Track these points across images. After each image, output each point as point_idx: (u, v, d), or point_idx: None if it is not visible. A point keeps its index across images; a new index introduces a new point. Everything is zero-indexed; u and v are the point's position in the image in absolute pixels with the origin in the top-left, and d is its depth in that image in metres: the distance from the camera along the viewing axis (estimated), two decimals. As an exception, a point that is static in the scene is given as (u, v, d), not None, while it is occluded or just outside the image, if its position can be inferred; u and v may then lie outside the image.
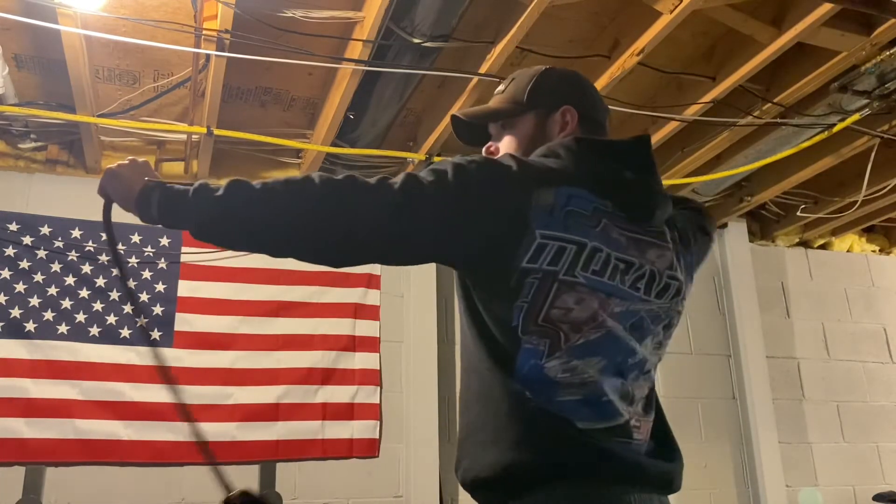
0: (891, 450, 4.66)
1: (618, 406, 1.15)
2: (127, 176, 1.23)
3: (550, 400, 1.11)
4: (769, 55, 2.90)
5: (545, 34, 2.96)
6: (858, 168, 3.88)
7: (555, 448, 1.10)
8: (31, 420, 3.21)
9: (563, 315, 1.13)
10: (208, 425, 3.43)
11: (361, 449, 3.65)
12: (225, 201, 1.14)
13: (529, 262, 1.12)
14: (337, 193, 1.13)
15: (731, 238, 4.68)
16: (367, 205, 1.12)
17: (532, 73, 1.39)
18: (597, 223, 1.17)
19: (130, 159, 1.27)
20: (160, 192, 1.18)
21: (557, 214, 1.14)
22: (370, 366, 3.78)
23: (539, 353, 1.12)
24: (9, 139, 3.54)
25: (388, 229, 1.13)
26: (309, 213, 1.13)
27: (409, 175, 1.16)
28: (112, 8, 2.70)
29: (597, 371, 1.14)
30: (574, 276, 1.13)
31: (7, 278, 3.36)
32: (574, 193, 1.17)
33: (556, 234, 1.13)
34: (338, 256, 1.18)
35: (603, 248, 1.16)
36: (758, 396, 4.38)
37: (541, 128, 1.34)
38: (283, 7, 2.71)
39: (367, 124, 3.40)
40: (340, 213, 1.12)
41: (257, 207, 1.13)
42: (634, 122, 3.59)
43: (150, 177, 1.23)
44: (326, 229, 1.13)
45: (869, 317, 4.97)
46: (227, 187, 1.15)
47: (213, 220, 1.15)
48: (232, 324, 3.60)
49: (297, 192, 1.13)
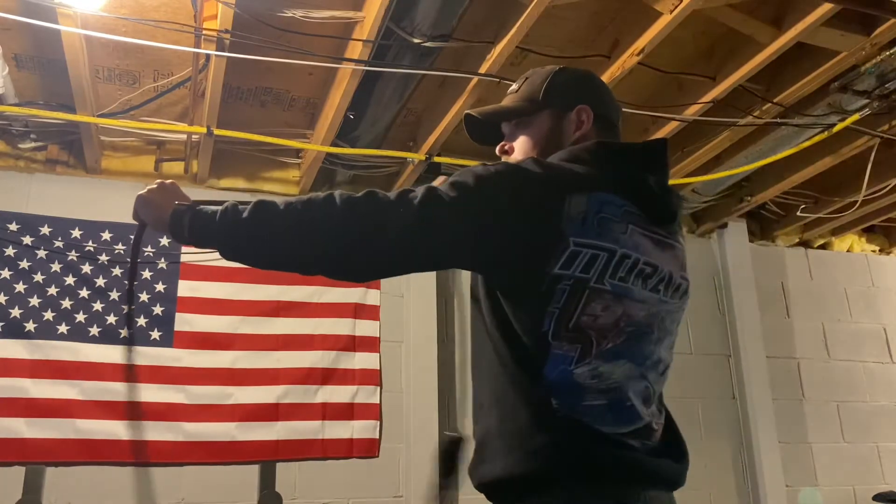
0: (891, 450, 4.66)
1: (639, 410, 1.16)
2: (157, 201, 1.29)
3: (575, 405, 1.12)
4: (769, 55, 2.90)
5: (545, 34, 2.96)
6: (858, 168, 3.88)
7: (577, 454, 1.11)
8: (31, 420, 3.21)
9: (592, 322, 1.13)
10: (208, 425, 3.43)
11: (361, 449, 3.65)
12: (250, 223, 1.18)
13: (562, 269, 1.12)
14: (359, 211, 1.14)
15: (731, 238, 4.68)
16: (387, 224, 1.13)
17: (547, 71, 1.39)
18: (625, 228, 1.18)
19: (159, 183, 1.33)
20: (190, 216, 1.23)
21: (591, 221, 1.14)
22: (370, 366, 3.78)
23: (569, 360, 1.12)
24: (9, 139, 3.54)
25: (413, 245, 1.14)
26: (332, 233, 1.15)
27: (429, 188, 1.16)
28: (112, 8, 2.70)
29: (622, 376, 1.15)
30: (603, 283, 1.14)
31: (7, 278, 3.36)
32: (606, 200, 1.17)
33: (590, 241, 1.14)
34: (364, 272, 1.21)
35: (631, 254, 1.17)
36: (758, 396, 4.38)
37: (556, 127, 1.34)
38: (283, 7, 2.71)
39: (367, 124, 3.40)
40: (362, 235, 1.14)
41: (280, 230, 1.16)
42: (634, 122, 3.59)
43: (179, 198, 1.28)
44: (351, 248, 1.15)
45: (869, 317, 4.97)
46: (253, 209, 1.18)
47: (239, 241, 1.21)
48: (232, 324, 3.60)
49: (320, 211, 1.15)
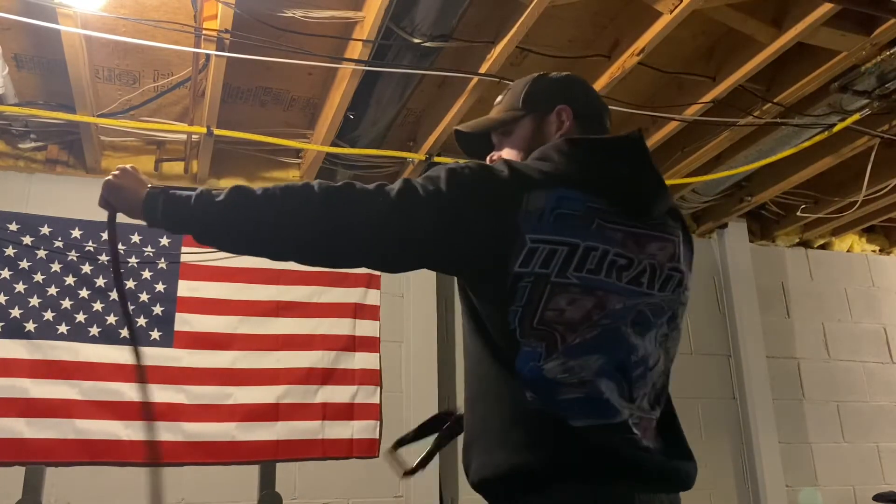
0: (891, 450, 4.66)
1: (615, 404, 1.15)
2: (127, 185, 1.27)
3: (552, 399, 1.12)
4: (769, 55, 2.90)
5: (545, 34, 2.96)
6: (858, 168, 3.88)
7: (556, 449, 1.11)
8: (31, 420, 3.21)
9: (558, 316, 1.14)
10: (208, 425, 3.43)
11: (361, 449, 3.65)
12: (225, 206, 1.17)
13: (521, 267, 1.14)
14: (335, 199, 1.15)
15: (731, 238, 4.68)
16: (364, 210, 1.15)
17: (526, 80, 1.43)
18: (590, 222, 1.18)
19: (120, 168, 1.30)
20: (164, 198, 1.21)
21: (547, 217, 1.16)
22: (370, 366, 3.78)
23: (537, 355, 1.13)
24: (9, 139, 3.54)
25: (386, 234, 1.15)
26: (307, 219, 1.16)
27: (406, 181, 1.18)
28: (112, 8, 2.70)
29: (594, 370, 1.14)
30: (566, 277, 1.15)
31: (7, 278, 3.36)
32: (564, 195, 1.18)
33: (546, 237, 1.15)
34: (335, 260, 1.21)
35: (599, 247, 1.17)
36: (758, 396, 4.38)
37: (538, 130, 1.37)
38: (283, 7, 2.71)
39: (367, 124, 3.40)
40: (339, 218, 1.15)
41: (257, 213, 1.16)
42: (634, 122, 3.59)
43: (146, 182, 1.26)
44: (324, 234, 1.16)
45: (869, 317, 4.97)
46: (229, 193, 1.18)
47: (214, 224, 1.19)
48: (232, 324, 3.60)
49: (297, 198, 1.16)
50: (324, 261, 1.21)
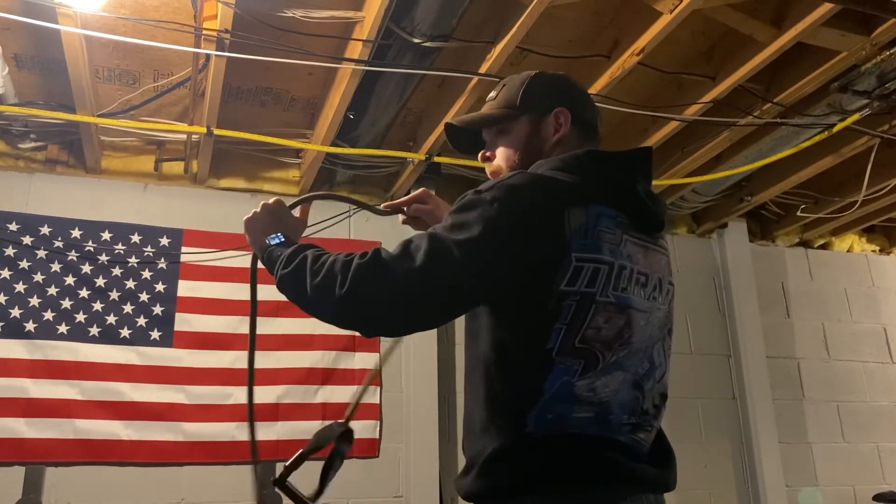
0: (891, 450, 4.66)
1: (621, 418, 1.16)
2: (255, 228, 1.39)
3: (566, 417, 1.12)
4: (769, 55, 2.90)
5: (545, 34, 2.96)
6: (858, 168, 3.88)
7: (560, 462, 1.12)
8: (31, 420, 3.21)
9: (596, 335, 1.14)
10: (208, 425, 3.43)
11: (361, 449, 3.65)
12: (284, 281, 1.26)
13: (567, 286, 1.12)
14: (357, 290, 1.14)
15: (731, 238, 4.68)
16: (390, 296, 1.13)
17: (523, 77, 1.40)
18: (620, 239, 1.18)
19: (263, 205, 1.40)
20: (266, 254, 1.33)
21: (591, 235, 1.15)
22: (370, 366, 3.78)
23: (572, 372, 1.12)
24: (9, 139, 3.54)
25: (414, 310, 1.15)
26: (339, 309, 1.17)
27: (433, 238, 1.14)
28: (112, 8, 2.70)
29: (614, 389, 1.15)
30: (607, 296, 1.15)
31: (7, 278, 3.36)
32: (602, 212, 1.17)
33: (591, 255, 1.14)
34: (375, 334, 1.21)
35: (627, 265, 1.18)
36: (758, 396, 4.38)
37: (535, 131, 1.35)
38: (283, 7, 2.71)
39: (367, 124, 3.40)
40: (364, 308, 1.15)
41: (304, 294, 1.21)
42: (634, 122, 3.59)
43: (277, 221, 1.37)
44: (356, 318, 1.18)
45: (869, 317, 4.97)
46: (294, 267, 1.24)
47: (285, 291, 1.27)
48: (232, 324, 3.60)
49: (334, 277, 1.16)
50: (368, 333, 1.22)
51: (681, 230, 4.70)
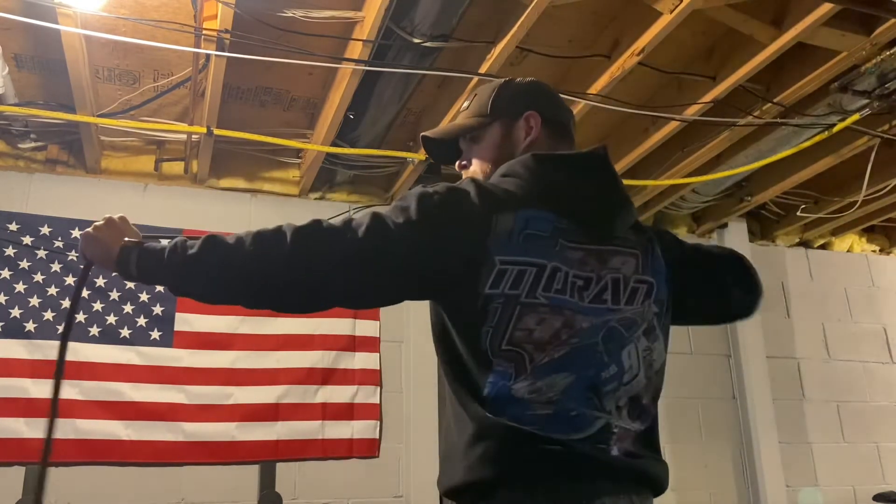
0: (891, 450, 4.66)
1: (589, 416, 1.14)
2: (103, 239, 1.27)
3: (520, 416, 1.12)
4: (769, 55, 2.90)
5: (545, 34, 2.96)
6: (858, 168, 3.88)
7: (522, 458, 1.11)
8: (31, 420, 3.21)
9: (526, 336, 1.14)
10: (208, 425, 3.43)
11: (361, 449, 3.65)
12: (198, 257, 1.17)
13: (492, 288, 1.14)
14: (303, 243, 1.15)
15: (731, 238, 4.68)
16: (333, 251, 1.15)
17: (493, 85, 1.43)
18: (555, 243, 1.19)
19: (106, 219, 1.31)
20: (137, 254, 1.22)
21: (516, 239, 1.17)
22: (370, 366, 3.78)
23: (507, 376, 1.13)
24: (9, 139, 3.54)
25: (356, 273, 1.16)
26: (277, 264, 1.15)
27: (375, 215, 1.17)
28: (112, 8, 2.70)
29: (561, 389, 1.14)
30: (535, 297, 1.15)
31: (7, 278, 3.36)
32: (533, 216, 1.19)
33: (516, 258, 1.16)
34: (307, 305, 1.21)
35: (562, 268, 1.18)
36: (758, 396, 4.38)
37: (507, 136, 1.37)
38: (283, 7, 2.71)
39: (367, 124, 3.40)
40: (307, 267, 1.15)
41: (228, 261, 1.16)
42: (634, 122, 3.59)
43: (127, 234, 1.27)
44: (295, 282, 1.17)
45: (869, 317, 4.97)
46: (201, 243, 1.18)
47: (188, 276, 1.20)
48: (232, 324, 3.60)
49: (265, 244, 1.16)
50: (297, 305, 1.21)
51: (681, 230, 4.70)
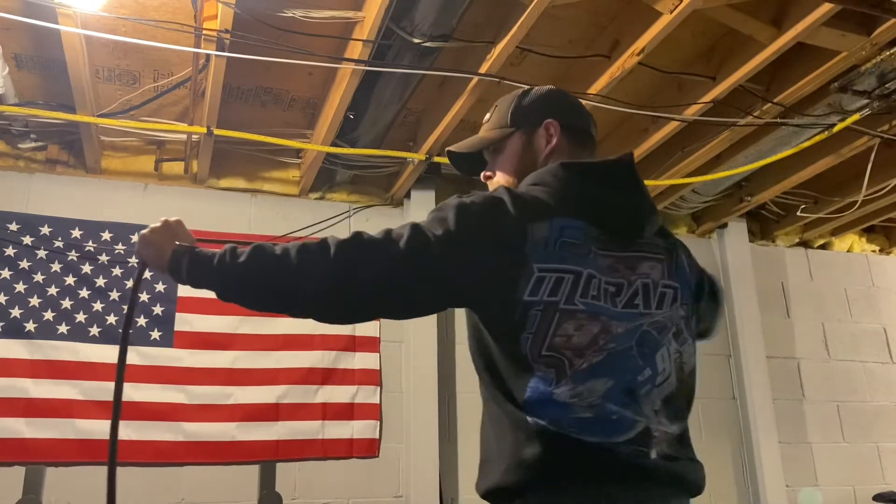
0: (891, 450, 4.66)
1: (630, 419, 1.16)
2: (157, 242, 1.34)
3: (561, 420, 1.14)
4: (769, 55, 2.90)
5: (545, 34, 2.96)
6: (858, 168, 3.88)
7: (563, 460, 1.13)
8: (31, 420, 3.21)
9: (566, 342, 1.16)
10: (208, 425, 3.43)
11: (361, 449, 3.65)
12: (246, 266, 1.23)
13: (530, 296, 1.17)
14: (345, 258, 1.19)
15: (731, 238, 4.68)
16: (376, 264, 1.18)
17: (512, 96, 1.46)
18: (588, 251, 1.22)
19: (163, 221, 1.36)
20: (189, 259, 1.29)
21: (552, 247, 1.19)
22: (370, 366, 3.78)
23: (549, 381, 1.15)
24: (9, 139, 3.54)
25: (400, 285, 1.20)
26: (321, 280, 1.20)
27: (414, 227, 1.21)
28: (112, 8, 2.70)
29: (601, 394, 1.16)
30: (574, 303, 1.18)
31: (7, 278, 3.36)
32: (567, 224, 1.22)
33: (553, 265, 1.19)
34: (350, 315, 1.28)
35: (596, 275, 1.21)
36: (758, 396, 4.38)
37: (528, 144, 1.41)
38: (283, 7, 2.71)
39: (367, 124, 3.40)
40: (350, 279, 1.19)
41: (274, 277, 1.22)
42: (634, 122, 3.59)
43: (180, 237, 1.34)
44: (338, 293, 1.21)
45: (869, 317, 4.97)
46: (250, 254, 1.24)
47: (236, 286, 1.27)
48: (232, 324, 3.60)
49: (310, 256, 1.20)
50: (340, 316, 1.28)
51: (681, 230, 4.69)
